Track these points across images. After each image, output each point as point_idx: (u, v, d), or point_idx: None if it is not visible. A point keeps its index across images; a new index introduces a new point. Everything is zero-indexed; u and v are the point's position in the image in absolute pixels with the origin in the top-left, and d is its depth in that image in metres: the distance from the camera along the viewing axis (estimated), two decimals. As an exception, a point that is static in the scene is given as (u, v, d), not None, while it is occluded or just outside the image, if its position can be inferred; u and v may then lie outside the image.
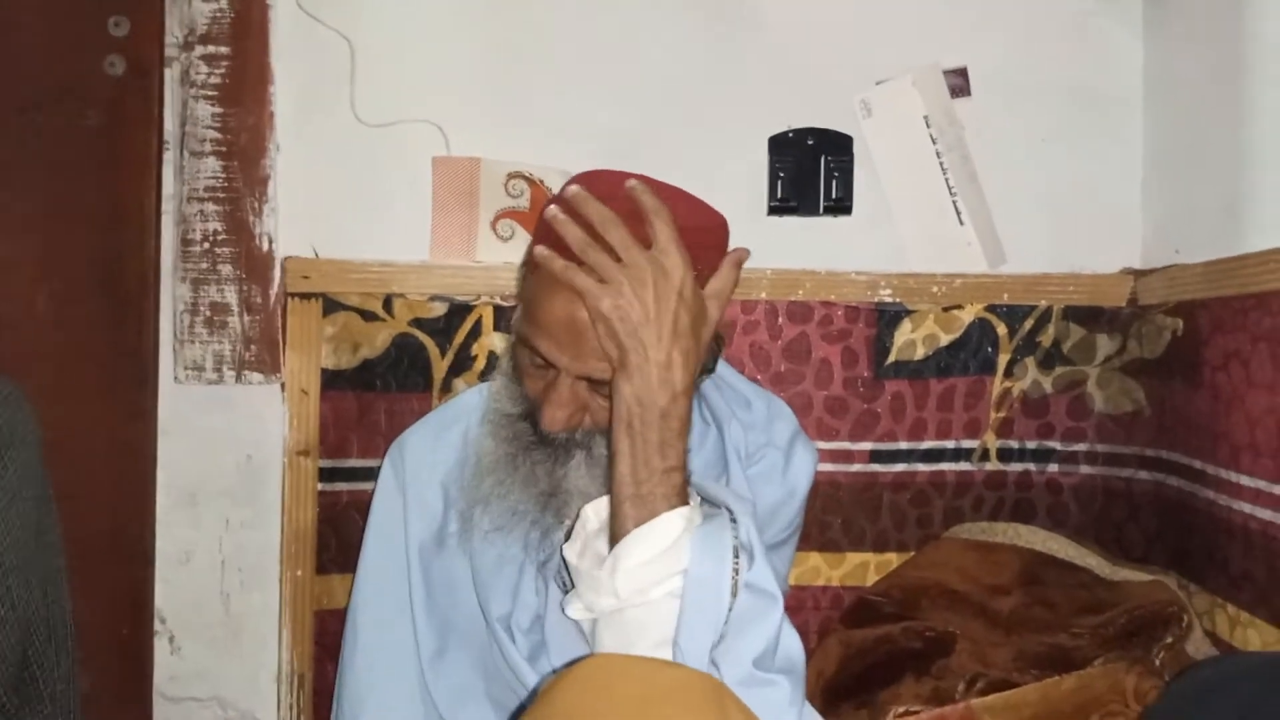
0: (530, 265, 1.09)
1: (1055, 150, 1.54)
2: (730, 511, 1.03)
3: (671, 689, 0.75)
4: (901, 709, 1.21)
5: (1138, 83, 1.55)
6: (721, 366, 1.26)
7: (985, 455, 1.53)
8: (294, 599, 1.44)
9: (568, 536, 1.09)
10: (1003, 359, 1.53)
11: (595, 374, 1.04)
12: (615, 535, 1.02)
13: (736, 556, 0.99)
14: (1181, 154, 1.46)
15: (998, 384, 1.53)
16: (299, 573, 1.44)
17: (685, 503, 1.01)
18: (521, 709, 1.06)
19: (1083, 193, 1.55)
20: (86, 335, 1.42)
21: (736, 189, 1.51)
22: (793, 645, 1.01)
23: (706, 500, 1.07)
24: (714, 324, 1.08)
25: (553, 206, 1.05)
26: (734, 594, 0.98)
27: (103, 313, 1.42)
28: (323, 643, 1.44)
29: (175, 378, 1.43)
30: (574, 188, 1.04)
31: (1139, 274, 1.52)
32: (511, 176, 1.47)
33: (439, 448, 1.22)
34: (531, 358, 1.09)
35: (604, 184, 1.06)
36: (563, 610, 1.05)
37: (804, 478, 1.22)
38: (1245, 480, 1.22)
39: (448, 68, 1.46)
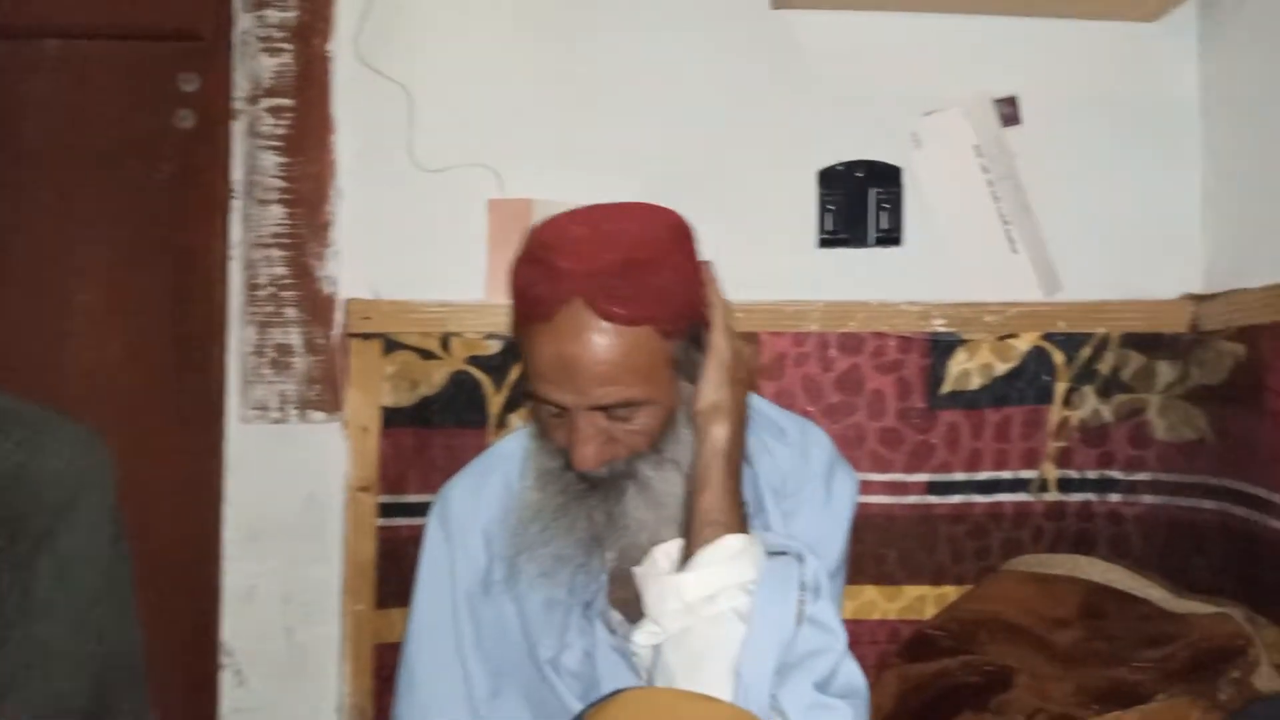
0: (515, 324, 1.12)
1: (1111, 174, 1.53)
2: (797, 553, 1.06)
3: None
4: (959, 744, 1.19)
5: (1194, 102, 1.53)
6: (752, 395, 1.27)
7: (1044, 486, 1.50)
8: (355, 633, 1.47)
9: (613, 579, 1.12)
10: (1060, 387, 1.51)
11: (603, 401, 1.06)
12: (687, 560, 1.05)
13: (803, 590, 1.02)
14: (1243, 174, 1.44)
15: (1056, 413, 1.51)
16: (360, 607, 1.47)
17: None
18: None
19: (1140, 217, 1.53)
20: (157, 377, 1.48)
21: (786, 222, 1.53)
22: (854, 674, 1.03)
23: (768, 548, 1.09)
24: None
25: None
26: (798, 623, 1.00)
27: (172, 355, 1.48)
28: (383, 676, 1.46)
29: (242, 417, 1.48)
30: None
31: (1200, 299, 1.50)
32: (562, 216, 1.50)
33: (480, 497, 1.25)
34: (546, 409, 1.11)
35: (557, 228, 1.11)
36: (627, 640, 1.07)
37: (847, 506, 1.22)
38: (1312, 508, 1.19)
39: (500, 113, 1.51)
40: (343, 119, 1.49)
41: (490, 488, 1.25)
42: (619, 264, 1.05)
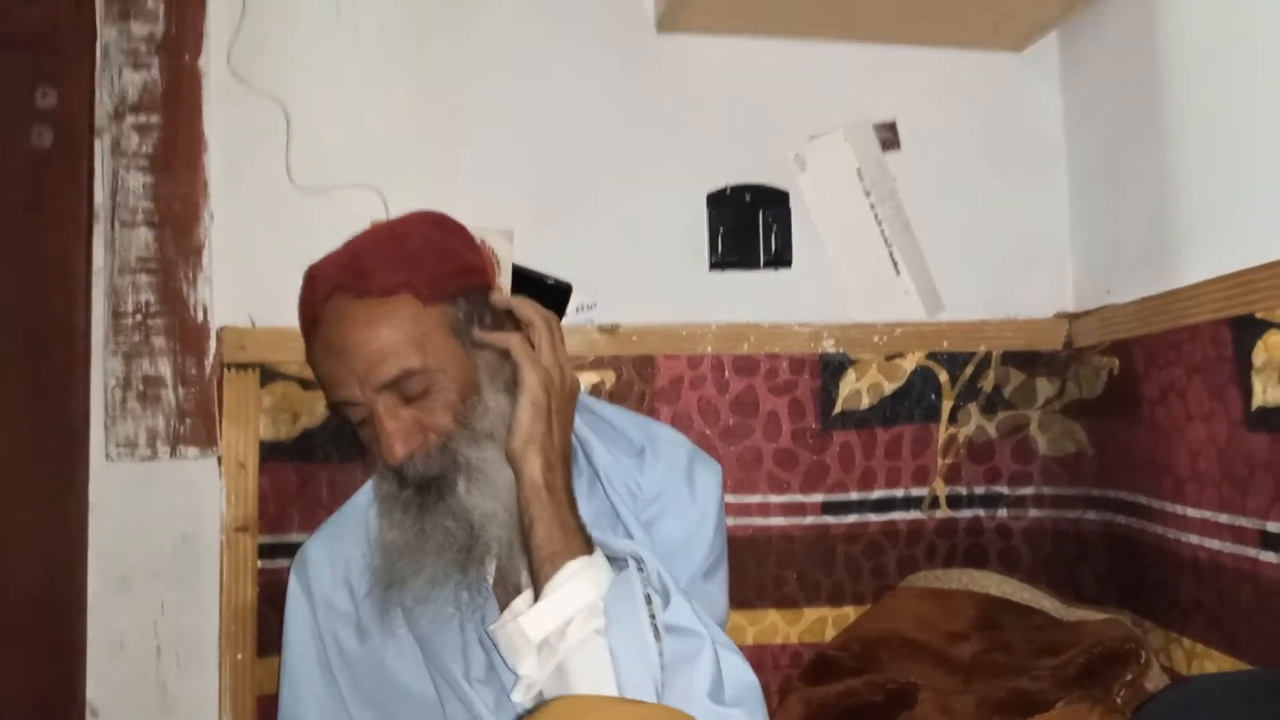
0: (307, 354, 1.17)
1: (984, 199, 1.59)
2: (637, 560, 1.05)
3: (641, 720, 0.72)
4: (868, 763, 1.18)
5: (1059, 129, 1.60)
6: (598, 405, 1.27)
7: (935, 503, 1.53)
8: (234, 684, 1.38)
9: (496, 581, 1.11)
10: (946, 405, 1.54)
11: (384, 377, 1.07)
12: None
13: (650, 602, 1.01)
14: (1106, 196, 1.51)
15: (943, 430, 1.54)
16: (239, 656, 1.38)
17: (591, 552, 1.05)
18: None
19: (1014, 239, 1.59)
20: (12, 412, 1.36)
21: (677, 245, 1.52)
22: (740, 674, 1.02)
23: (610, 555, 1.07)
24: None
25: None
26: (658, 638, 0.98)
27: (30, 389, 1.37)
28: (266, 728, 1.37)
29: (107, 455, 1.37)
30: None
31: (1073, 317, 1.56)
32: (452, 237, 1.45)
33: (339, 548, 1.23)
34: (350, 414, 1.12)
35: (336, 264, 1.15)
36: (510, 696, 1.04)
37: (713, 499, 1.22)
38: (1191, 511, 1.24)
39: (383, 131, 1.46)
40: (216, 137, 1.41)
41: (348, 538, 1.24)
42: (364, 249, 1.13)
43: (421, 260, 1.12)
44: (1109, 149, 1.49)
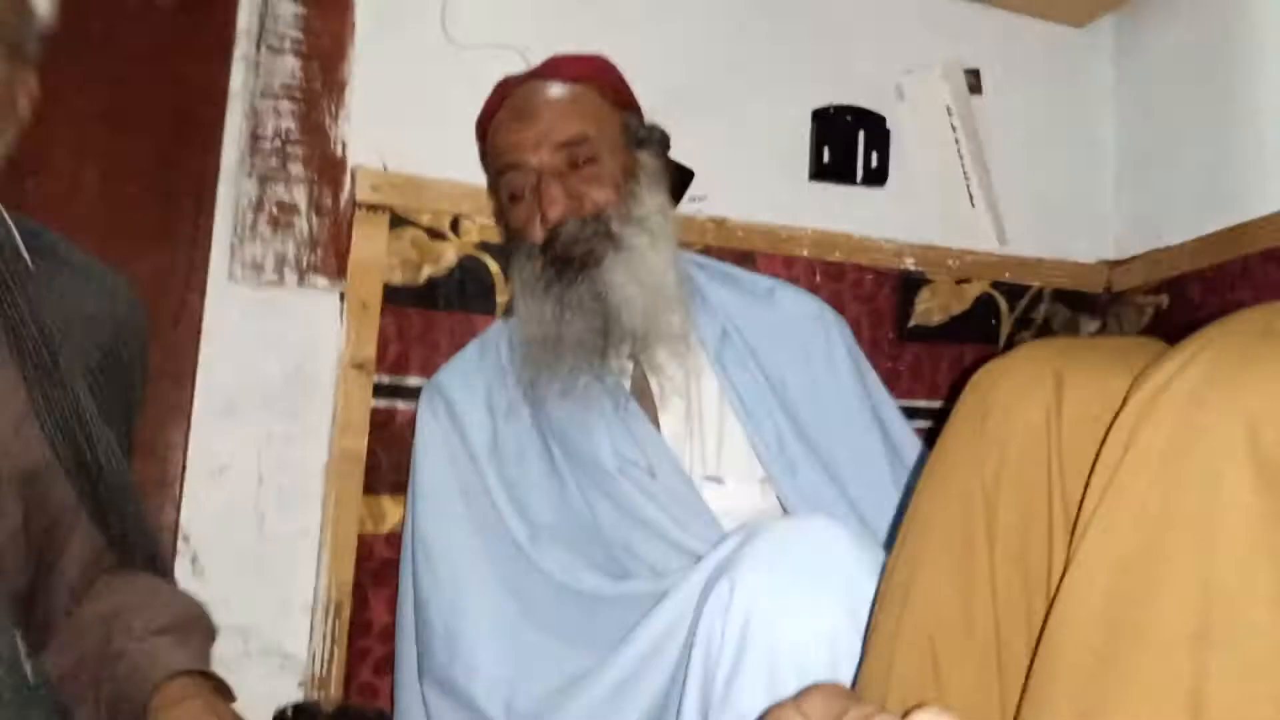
0: (481, 141, 1.31)
1: (1044, 150, 1.74)
2: None
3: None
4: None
5: (1110, 97, 1.78)
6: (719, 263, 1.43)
7: (991, 417, 1.65)
8: (337, 520, 1.35)
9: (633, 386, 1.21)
10: (1004, 331, 1.67)
11: (560, 135, 1.20)
12: None
13: None
14: (1154, 155, 1.68)
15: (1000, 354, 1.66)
16: (345, 492, 1.36)
17: None
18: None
19: (1067, 189, 1.75)
20: (136, 221, 1.32)
21: (782, 154, 1.61)
22: None
23: None
24: None
25: None
26: None
27: (157, 200, 1.33)
28: (366, 568, 1.35)
29: (230, 275, 1.34)
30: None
31: (1114, 264, 1.72)
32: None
33: (474, 375, 1.28)
34: (512, 184, 1.23)
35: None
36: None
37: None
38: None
39: (536, 3, 1.50)
40: (370, -21, 1.42)
41: (484, 366, 1.31)
42: (557, 57, 1.29)
43: (605, 70, 1.30)
44: (1159, 112, 1.68)
